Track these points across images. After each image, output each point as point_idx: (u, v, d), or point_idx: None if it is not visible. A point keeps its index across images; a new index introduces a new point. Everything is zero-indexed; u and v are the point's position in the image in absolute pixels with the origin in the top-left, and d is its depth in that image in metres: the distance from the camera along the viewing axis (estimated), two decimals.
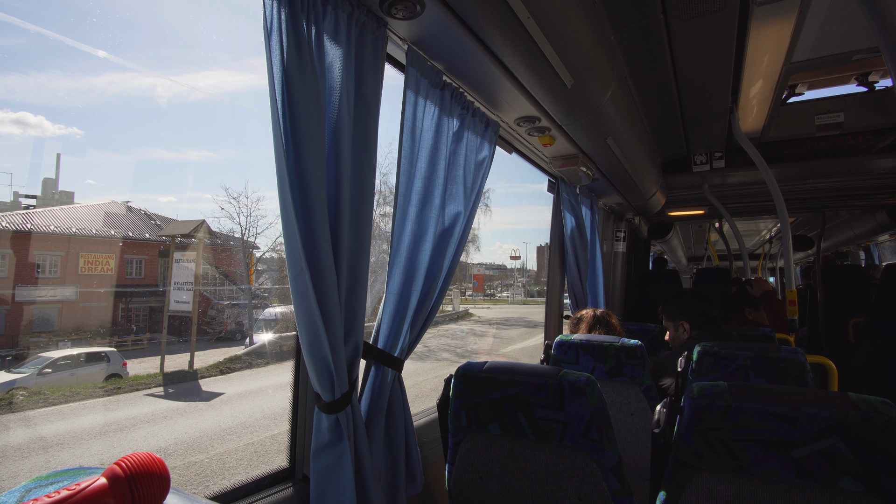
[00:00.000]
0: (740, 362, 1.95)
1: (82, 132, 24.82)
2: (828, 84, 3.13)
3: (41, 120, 26.14)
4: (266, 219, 24.02)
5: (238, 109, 34.09)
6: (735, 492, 1.09)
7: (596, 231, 3.62)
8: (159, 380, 11.49)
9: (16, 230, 13.15)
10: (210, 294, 17.11)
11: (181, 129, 29.40)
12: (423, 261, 1.59)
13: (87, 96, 23.86)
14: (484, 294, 41.67)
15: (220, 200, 26.69)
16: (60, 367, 10.72)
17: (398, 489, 1.54)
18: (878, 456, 0.95)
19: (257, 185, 42.06)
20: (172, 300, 13.12)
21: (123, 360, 11.74)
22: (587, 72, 1.81)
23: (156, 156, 27.39)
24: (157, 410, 9.72)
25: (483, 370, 1.37)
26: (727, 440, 1.07)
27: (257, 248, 18.79)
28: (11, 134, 21.25)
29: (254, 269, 18.71)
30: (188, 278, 13.11)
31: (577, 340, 2.13)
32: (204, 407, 10.05)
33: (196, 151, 31.37)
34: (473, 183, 1.85)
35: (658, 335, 3.24)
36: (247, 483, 1.34)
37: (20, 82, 20.00)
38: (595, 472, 1.27)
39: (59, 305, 13.76)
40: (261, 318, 16.87)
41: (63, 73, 22.73)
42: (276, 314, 16.95)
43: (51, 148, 23.04)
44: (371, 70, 1.30)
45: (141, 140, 25.89)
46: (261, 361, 13.80)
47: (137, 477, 0.46)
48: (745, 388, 1.10)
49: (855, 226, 6.27)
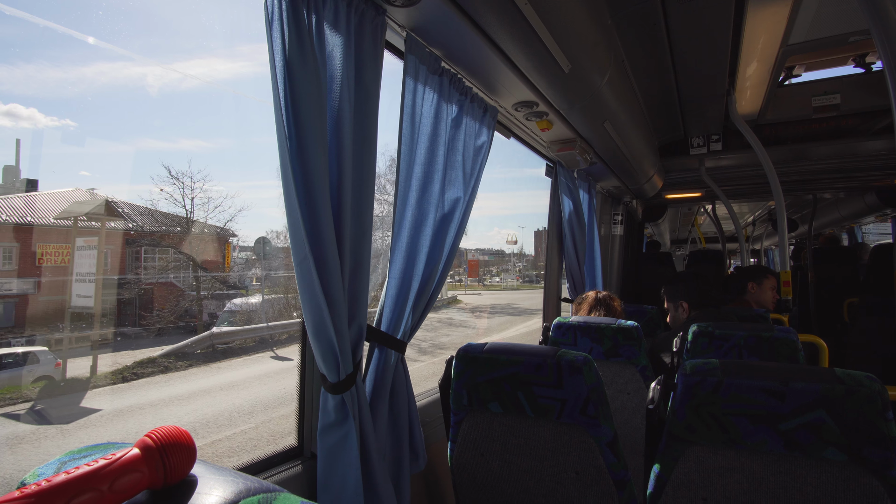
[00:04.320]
0: (734, 342, 2.00)
1: (75, 123, 24.51)
2: (825, 66, 3.13)
3: (33, 112, 25.78)
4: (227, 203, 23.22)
5: (230, 96, 33.75)
6: (725, 464, 1.14)
7: (594, 214, 3.65)
8: (35, 391, 9.35)
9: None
10: (185, 284, 16.20)
11: (174, 118, 29.09)
12: (423, 246, 1.62)
13: (78, 87, 23.53)
14: (479, 279, 41.69)
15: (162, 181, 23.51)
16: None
17: (402, 467, 1.59)
18: (861, 427, 1.00)
19: (255, 173, 41.80)
20: (74, 294, 11.43)
21: (57, 361, 10.29)
22: (584, 56, 1.82)
23: (150, 146, 27.14)
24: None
25: (483, 351, 1.42)
26: (718, 414, 1.12)
27: (234, 235, 17.92)
28: (3, 126, 20.90)
29: (230, 258, 17.89)
30: (90, 268, 11.33)
31: (575, 322, 2.17)
32: (53, 433, 8.00)
33: (188, 141, 31.11)
34: (472, 168, 1.87)
35: (654, 317, 3.30)
36: (258, 461, 1.39)
37: (8, 73, 19.69)
38: (592, 447, 1.31)
39: (14, 300, 12.84)
40: (225, 310, 15.74)
41: (52, 64, 22.36)
42: (238, 305, 15.88)
43: (50, 138, 22.54)
44: (371, 57, 1.32)
45: (134, 130, 25.64)
46: (182, 364, 11.91)
47: (167, 447, 0.50)
48: (735, 364, 1.15)
49: (841, 207, 6.32)
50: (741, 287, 3.37)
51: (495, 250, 52.53)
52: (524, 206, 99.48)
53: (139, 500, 0.49)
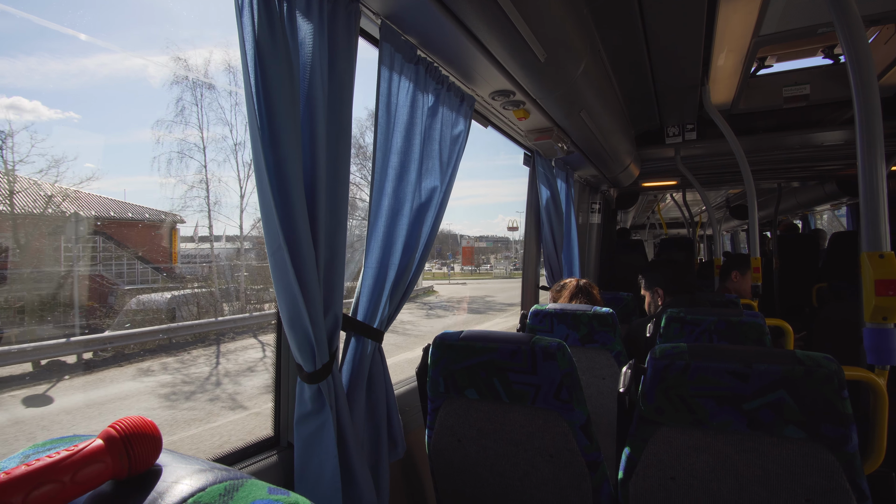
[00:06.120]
0: (705, 327, 2.05)
1: (79, 116, 23.57)
2: (795, 57, 3.19)
3: (37, 105, 24.73)
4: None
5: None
6: (693, 443, 1.18)
7: (571, 203, 3.69)
8: None
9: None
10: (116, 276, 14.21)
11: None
12: (400, 235, 1.62)
13: (79, 79, 22.66)
14: (475, 267, 41.38)
15: None
16: None
17: (381, 455, 1.60)
18: (819, 406, 1.04)
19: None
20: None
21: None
22: (560, 45, 1.82)
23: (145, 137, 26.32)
24: None
25: (460, 339, 1.43)
26: (686, 396, 1.15)
27: (183, 221, 15.87)
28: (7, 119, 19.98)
29: (177, 248, 16.04)
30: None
31: (552, 310, 2.21)
32: None
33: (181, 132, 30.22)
34: (450, 157, 1.87)
35: (630, 303, 3.36)
36: (233, 451, 1.39)
37: (10, 66, 18.70)
38: (566, 430, 1.34)
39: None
40: (126, 309, 13.26)
41: (52, 56, 21.33)
42: (142, 302, 13.46)
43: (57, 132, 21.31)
44: (344, 45, 1.31)
45: (134, 122, 24.86)
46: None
47: (131, 437, 0.49)
48: (702, 348, 1.18)
49: (799, 195, 6.50)
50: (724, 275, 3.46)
51: (500, 237, 52.23)
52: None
53: (103, 491, 0.49)
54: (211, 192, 16.54)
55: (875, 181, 1.34)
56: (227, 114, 20.73)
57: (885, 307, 1.32)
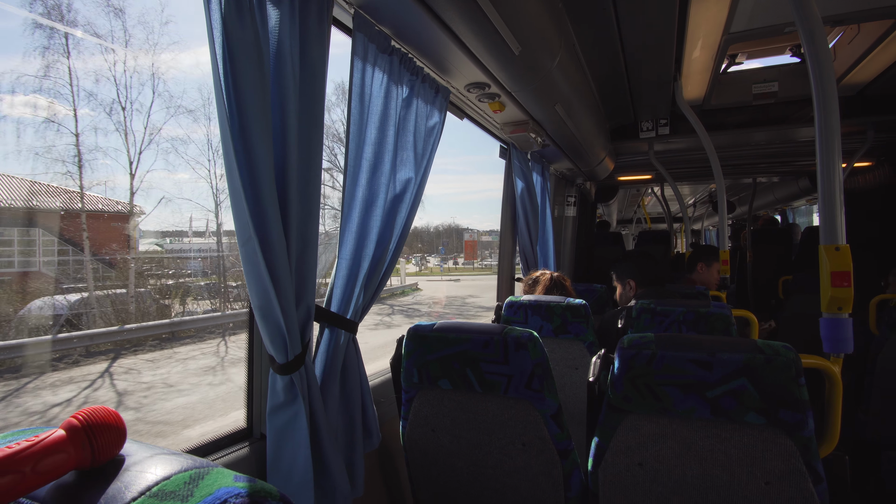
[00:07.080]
0: (673, 317, 2.11)
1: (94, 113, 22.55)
2: (764, 54, 3.28)
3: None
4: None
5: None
6: (659, 430, 1.22)
7: (547, 196, 3.72)
8: None
9: None
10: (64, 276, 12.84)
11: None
12: (374, 226, 1.62)
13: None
14: (479, 262, 40.82)
15: None
16: None
17: (355, 445, 1.61)
18: (777, 393, 1.09)
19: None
20: None
21: None
22: (535, 39, 1.84)
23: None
24: None
25: (433, 330, 1.45)
26: (652, 385, 1.19)
27: (143, 212, 14.52)
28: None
29: (137, 244, 14.51)
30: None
31: (526, 301, 2.24)
32: None
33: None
34: (424, 149, 1.87)
35: (604, 295, 3.42)
36: (206, 443, 1.38)
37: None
38: (537, 419, 1.37)
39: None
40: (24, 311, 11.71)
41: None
42: (31, 308, 11.80)
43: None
44: (316, 35, 1.29)
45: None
46: None
47: (94, 427, 0.49)
48: (669, 338, 1.22)
49: (776, 191, 6.71)
50: (690, 267, 3.54)
51: None
52: None
53: (67, 481, 0.49)
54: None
55: (832, 177, 1.40)
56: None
57: (839, 298, 1.38)
